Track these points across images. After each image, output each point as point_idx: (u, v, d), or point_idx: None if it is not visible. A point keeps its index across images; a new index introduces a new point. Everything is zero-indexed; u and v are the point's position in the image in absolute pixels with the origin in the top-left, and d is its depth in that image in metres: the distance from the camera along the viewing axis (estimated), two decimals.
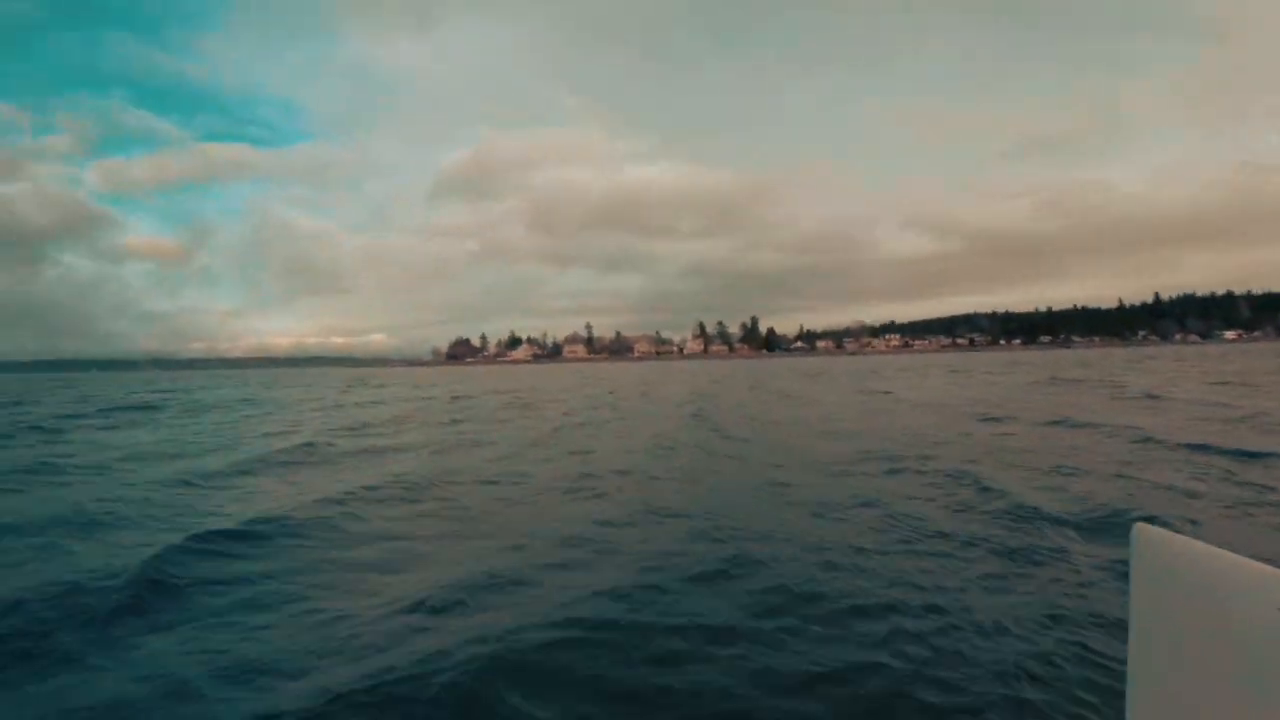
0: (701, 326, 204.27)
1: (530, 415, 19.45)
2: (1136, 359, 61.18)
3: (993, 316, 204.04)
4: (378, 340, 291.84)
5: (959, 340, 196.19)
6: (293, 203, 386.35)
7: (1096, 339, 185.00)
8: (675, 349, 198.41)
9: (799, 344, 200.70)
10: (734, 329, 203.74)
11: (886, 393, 24.82)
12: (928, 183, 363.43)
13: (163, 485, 8.89)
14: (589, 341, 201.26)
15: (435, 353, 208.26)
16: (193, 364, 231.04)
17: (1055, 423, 13.13)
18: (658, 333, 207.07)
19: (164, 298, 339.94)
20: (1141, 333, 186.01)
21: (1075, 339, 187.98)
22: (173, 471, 9.97)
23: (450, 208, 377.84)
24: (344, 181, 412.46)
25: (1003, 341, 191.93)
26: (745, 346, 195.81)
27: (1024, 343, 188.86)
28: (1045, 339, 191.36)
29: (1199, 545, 1.22)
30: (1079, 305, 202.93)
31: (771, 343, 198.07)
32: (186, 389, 47.91)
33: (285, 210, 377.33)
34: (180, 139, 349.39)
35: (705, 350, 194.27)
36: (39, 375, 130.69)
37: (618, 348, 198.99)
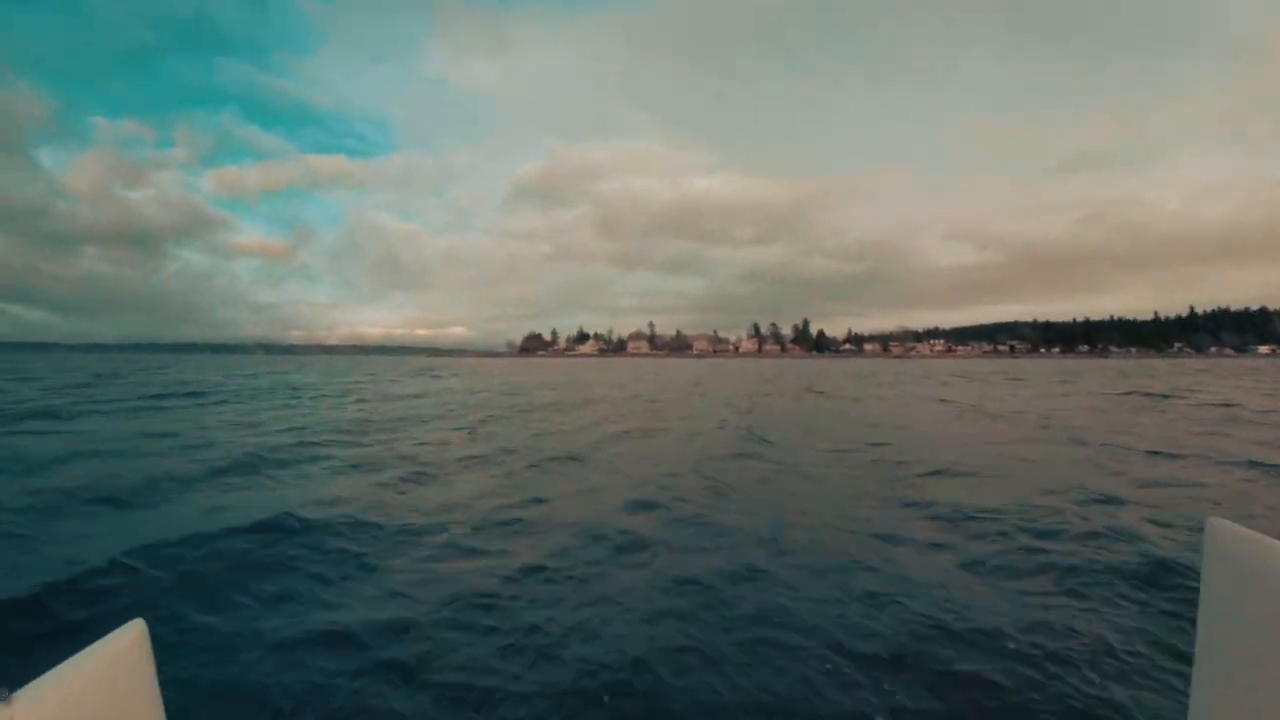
0: (756, 327, 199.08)
1: (561, 426, 15.58)
2: (1190, 370, 54.94)
3: (1034, 325, 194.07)
4: (457, 332, 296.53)
5: (1000, 347, 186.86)
6: (383, 208, 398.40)
7: (1133, 350, 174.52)
8: (731, 347, 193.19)
9: (847, 346, 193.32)
10: (786, 330, 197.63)
11: (944, 400, 20.65)
12: (972, 195, 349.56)
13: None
14: (651, 339, 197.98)
15: (509, 345, 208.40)
16: (294, 349, 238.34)
17: (1234, 464, 8.72)
18: (715, 332, 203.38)
19: (269, 291, 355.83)
20: (1177, 345, 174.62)
21: (1113, 349, 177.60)
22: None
23: (524, 213, 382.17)
24: (428, 188, 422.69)
25: (1042, 350, 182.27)
26: (797, 347, 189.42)
27: (1063, 351, 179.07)
28: (1084, 348, 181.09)
29: (1277, 544, 1.11)
30: (1115, 316, 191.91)
31: (821, 344, 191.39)
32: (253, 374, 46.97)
33: (376, 214, 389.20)
34: (285, 151, 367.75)
35: (760, 349, 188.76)
36: (160, 356, 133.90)
37: (678, 345, 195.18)
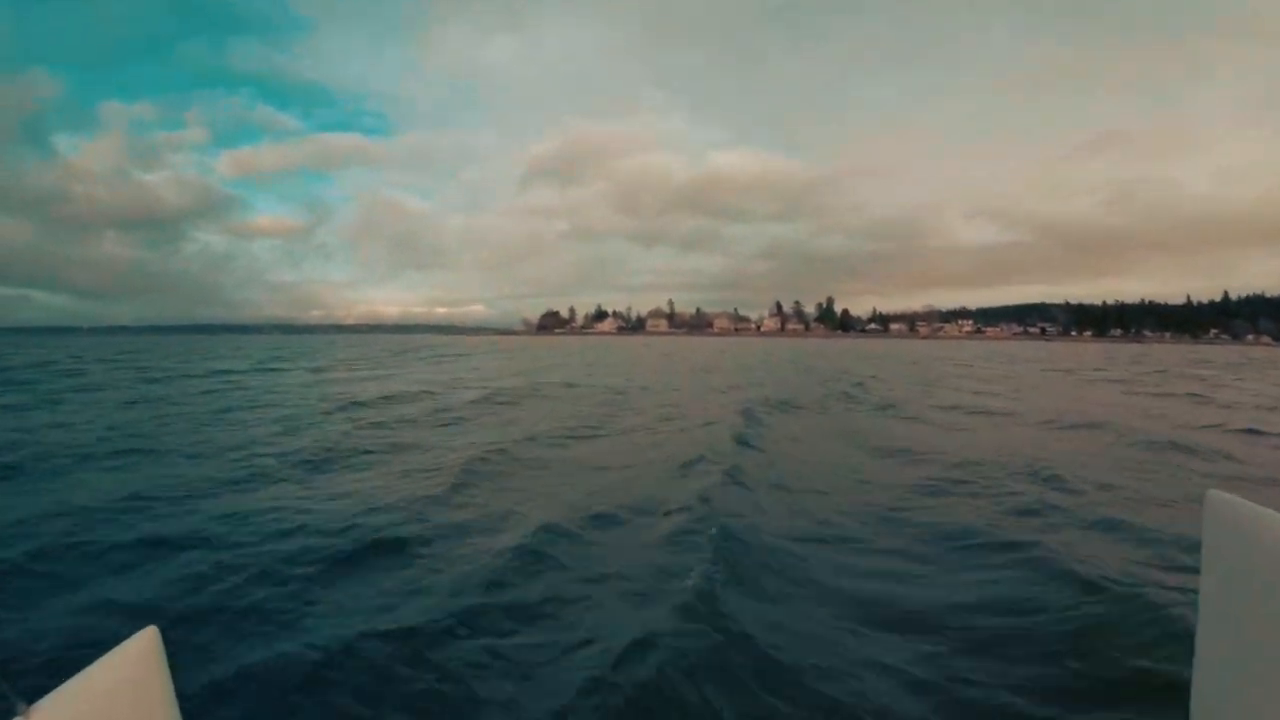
0: (778, 305, 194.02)
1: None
2: (1245, 358, 50.38)
3: (1065, 307, 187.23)
4: (476, 310, 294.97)
5: (1030, 329, 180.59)
6: (399, 186, 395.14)
7: (1167, 335, 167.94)
8: (753, 326, 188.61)
9: (872, 325, 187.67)
10: (810, 309, 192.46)
11: (1006, 415, 16.97)
12: (997, 174, 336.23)
13: None
14: (670, 316, 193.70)
15: (525, 323, 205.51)
16: (312, 329, 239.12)
17: None
18: (736, 310, 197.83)
19: (287, 271, 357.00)
20: (1212, 331, 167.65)
21: (1147, 334, 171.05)
22: None
23: (541, 190, 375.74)
24: (445, 167, 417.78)
25: (1073, 333, 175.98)
26: (820, 326, 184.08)
27: (1095, 335, 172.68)
28: (1116, 332, 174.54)
29: (1276, 516, 1.12)
30: (1146, 300, 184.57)
31: (846, 323, 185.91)
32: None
33: (393, 193, 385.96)
34: (300, 130, 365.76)
35: (782, 328, 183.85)
36: (179, 337, 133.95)
37: (698, 323, 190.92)
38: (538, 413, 14.57)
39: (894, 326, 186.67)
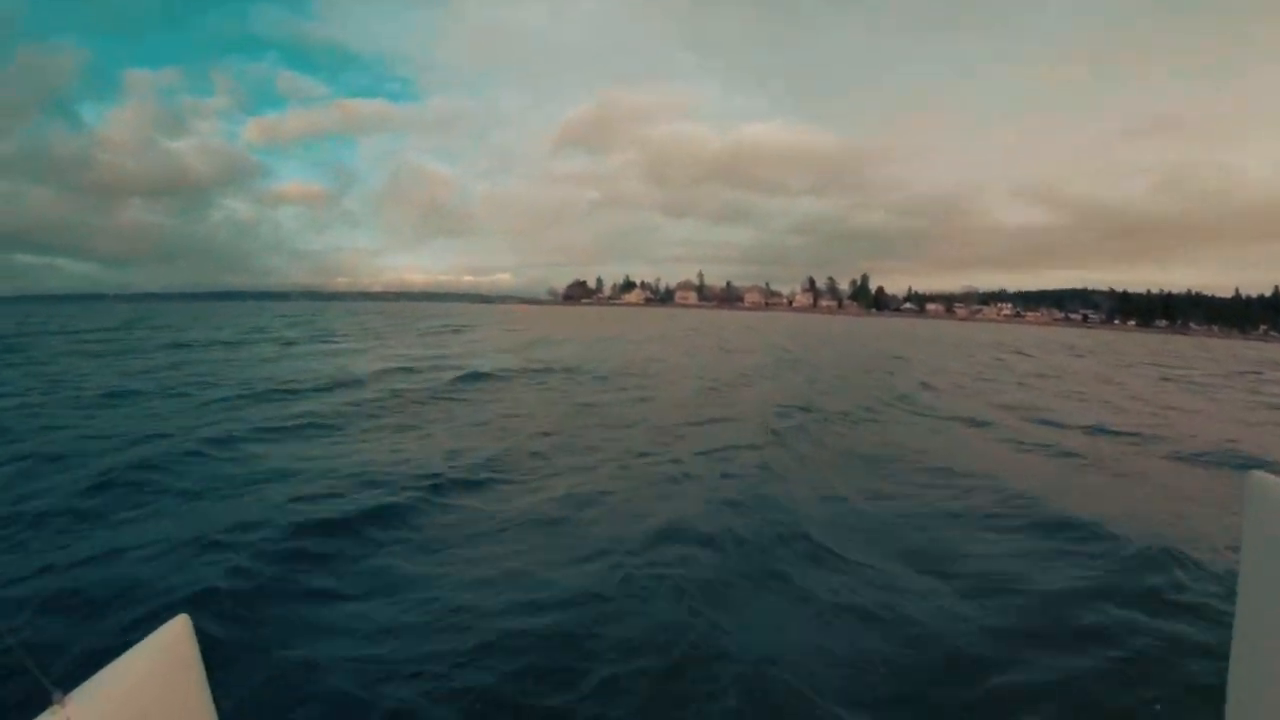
0: (811, 281, 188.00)
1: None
2: None
3: (1108, 294, 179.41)
4: (503, 279, 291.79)
5: (1071, 315, 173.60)
6: (426, 152, 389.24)
7: (1214, 328, 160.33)
8: (784, 301, 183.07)
9: (908, 305, 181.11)
10: (843, 285, 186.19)
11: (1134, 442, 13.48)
12: (1042, 154, 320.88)
13: None
14: (700, 289, 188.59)
15: (552, 292, 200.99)
16: (337, 297, 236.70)
17: None
18: (767, 284, 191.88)
19: (313, 238, 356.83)
20: (1262, 327, 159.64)
21: (1193, 326, 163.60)
22: None
23: (571, 158, 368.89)
24: (472, 133, 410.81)
25: (1116, 321, 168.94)
26: (854, 304, 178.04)
27: (1139, 325, 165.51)
28: (1161, 323, 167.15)
29: None
30: (1192, 291, 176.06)
31: (880, 302, 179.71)
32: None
33: (420, 159, 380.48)
34: (325, 96, 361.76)
35: (814, 304, 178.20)
36: (206, 305, 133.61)
37: (727, 297, 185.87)
38: (482, 414, 11.70)
39: (930, 307, 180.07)
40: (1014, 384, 19.82)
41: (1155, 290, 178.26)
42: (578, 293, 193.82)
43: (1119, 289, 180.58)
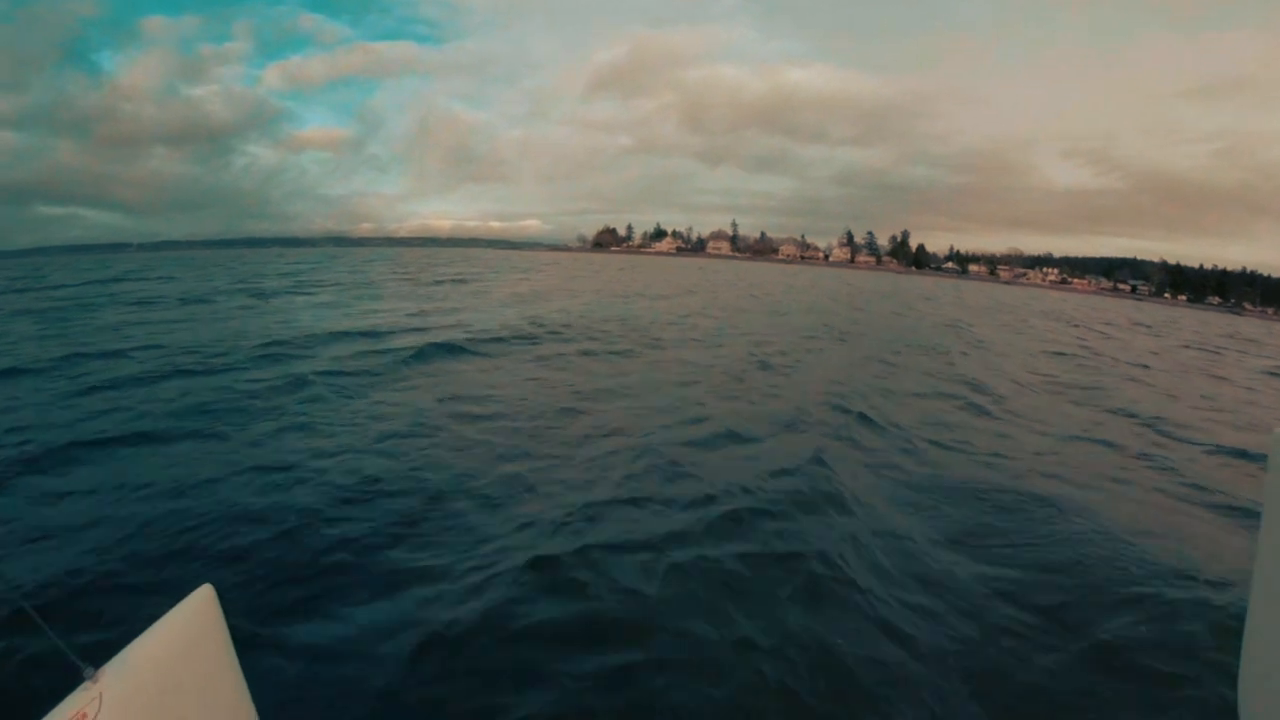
0: (849, 235, 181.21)
1: None
2: None
3: (1161, 267, 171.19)
4: (532, 225, 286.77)
5: (1119, 285, 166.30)
6: (455, 96, 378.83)
7: (1270, 310, 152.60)
8: (821, 255, 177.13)
9: (950, 265, 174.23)
10: (883, 241, 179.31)
11: None
12: (1096, 113, 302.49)
13: None
14: (733, 239, 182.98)
15: (581, 239, 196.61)
16: (363, 242, 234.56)
17: None
18: (803, 236, 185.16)
19: (338, 183, 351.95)
20: None
21: (1247, 306, 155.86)
22: None
23: (604, 103, 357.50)
24: (502, 76, 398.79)
25: (1166, 295, 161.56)
26: (894, 261, 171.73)
27: (1190, 300, 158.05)
28: (1213, 300, 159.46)
29: None
30: (1247, 268, 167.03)
31: (920, 259, 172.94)
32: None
33: (447, 103, 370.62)
34: (349, 39, 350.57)
35: (852, 259, 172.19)
36: (231, 251, 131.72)
37: (762, 248, 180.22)
38: (404, 416, 9.00)
39: (973, 268, 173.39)
40: (1120, 376, 16.72)
41: (1207, 265, 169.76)
42: (607, 240, 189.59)
43: (1173, 261, 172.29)
